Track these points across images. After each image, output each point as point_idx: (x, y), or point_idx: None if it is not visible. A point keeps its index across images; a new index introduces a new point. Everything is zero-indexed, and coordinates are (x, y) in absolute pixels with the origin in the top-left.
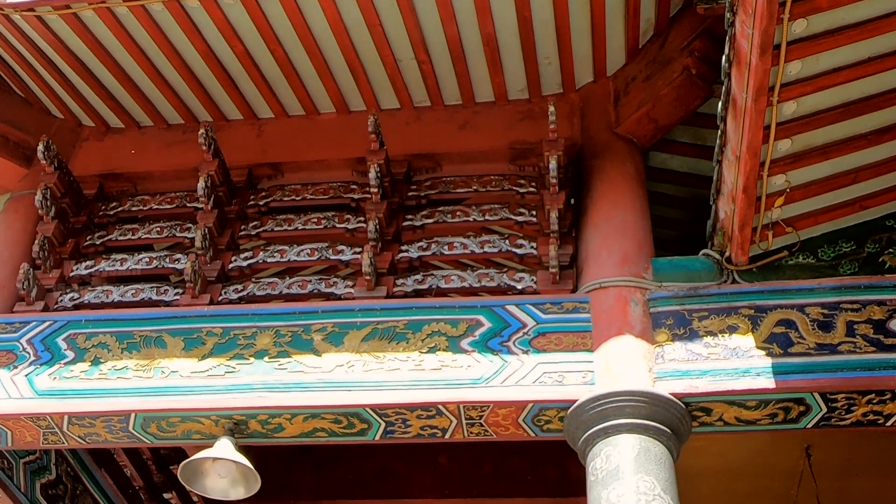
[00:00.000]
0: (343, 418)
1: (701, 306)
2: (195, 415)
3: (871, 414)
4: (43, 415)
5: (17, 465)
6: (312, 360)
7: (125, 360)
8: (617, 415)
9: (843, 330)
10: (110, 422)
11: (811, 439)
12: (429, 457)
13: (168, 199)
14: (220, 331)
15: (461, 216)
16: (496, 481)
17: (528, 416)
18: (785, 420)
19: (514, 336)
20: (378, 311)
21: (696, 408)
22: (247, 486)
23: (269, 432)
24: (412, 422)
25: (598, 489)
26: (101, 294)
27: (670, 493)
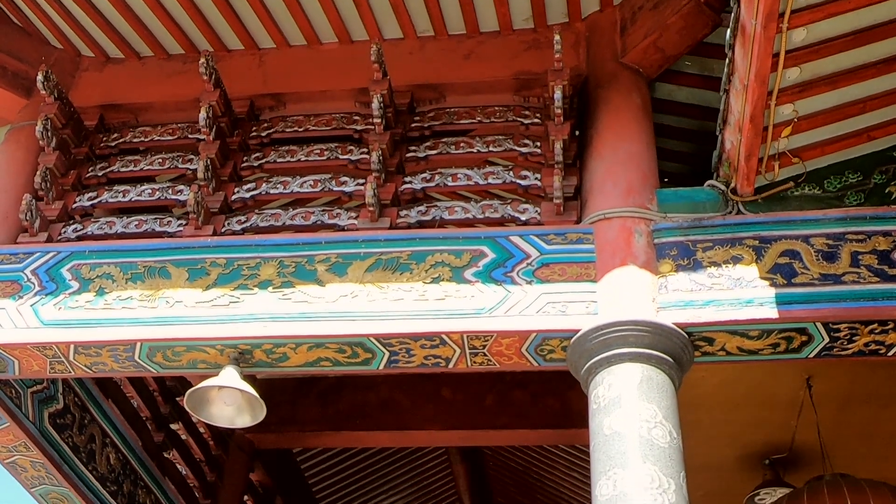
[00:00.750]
0: (347, 348)
1: (705, 237)
2: (200, 344)
3: (873, 344)
4: (49, 344)
5: (25, 395)
6: (316, 291)
7: (130, 291)
8: (620, 344)
9: (847, 260)
10: (116, 351)
11: (812, 370)
12: (431, 389)
13: (169, 131)
14: (223, 261)
15: (465, 147)
16: (498, 413)
17: (532, 345)
18: (787, 350)
19: (518, 267)
20: (382, 242)
21: (698, 337)
22: (252, 413)
23: (273, 361)
24: (416, 351)
25: (600, 417)
26: (104, 225)
27: (672, 420)
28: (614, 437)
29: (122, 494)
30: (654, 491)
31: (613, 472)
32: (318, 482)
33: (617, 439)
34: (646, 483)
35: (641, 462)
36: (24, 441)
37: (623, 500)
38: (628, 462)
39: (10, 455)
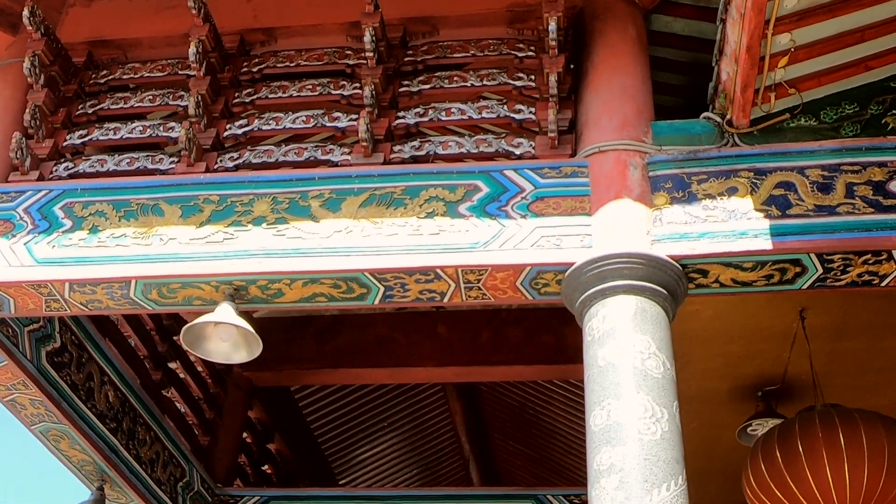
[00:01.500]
0: (342, 283)
1: (700, 169)
2: (195, 281)
3: (867, 274)
4: (44, 282)
5: (22, 334)
6: (310, 227)
7: (123, 228)
8: (614, 276)
9: (842, 191)
10: (111, 288)
11: (805, 302)
12: (428, 326)
13: (159, 67)
14: (216, 198)
15: (458, 82)
16: (494, 349)
17: (526, 279)
18: (781, 281)
19: (513, 201)
20: (375, 177)
21: (692, 269)
22: (248, 349)
23: (269, 297)
24: (411, 286)
25: (595, 348)
26: (95, 163)
27: (665, 352)
28: (608, 369)
29: (122, 431)
30: (648, 420)
31: (607, 403)
32: (316, 419)
33: (611, 370)
34: (639, 412)
35: (635, 392)
36: (22, 379)
37: (617, 430)
38: (622, 392)
39: (9, 393)
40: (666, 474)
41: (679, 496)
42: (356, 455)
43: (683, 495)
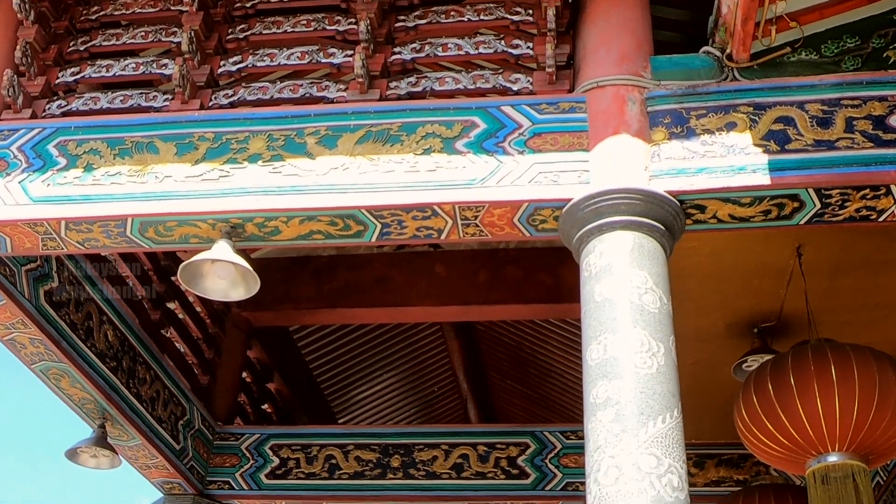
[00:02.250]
0: (339, 220)
1: (699, 104)
2: (191, 219)
3: (865, 210)
4: (40, 221)
5: (20, 273)
6: (307, 164)
7: (118, 166)
8: (611, 212)
9: (841, 126)
10: (107, 227)
11: (803, 238)
12: (425, 266)
13: (151, 3)
14: (212, 136)
15: (455, 17)
16: (491, 289)
17: (524, 215)
18: (778, 217)
19: (510, 137)
20: (371, 113)
21: (690, 205)
22: (246, 286)
23: (266, 235)
24: (408, 223)
25: (591, 284)
26: (88, 101)
27: (662, 287)
28: (605, 304)
29: (122, 370)
30: (644, 354)
31: (604, 337)
32: (315, 359)
33: (608, 305)
34: (636, 347)
35: (632, 327)
36: (21, 318)
37: (613, 364)
38: (619, 327)
39: (8, 332)
40: (662, 407)
41: (674, 429)
42: (355, 394)
43: (678, 428)
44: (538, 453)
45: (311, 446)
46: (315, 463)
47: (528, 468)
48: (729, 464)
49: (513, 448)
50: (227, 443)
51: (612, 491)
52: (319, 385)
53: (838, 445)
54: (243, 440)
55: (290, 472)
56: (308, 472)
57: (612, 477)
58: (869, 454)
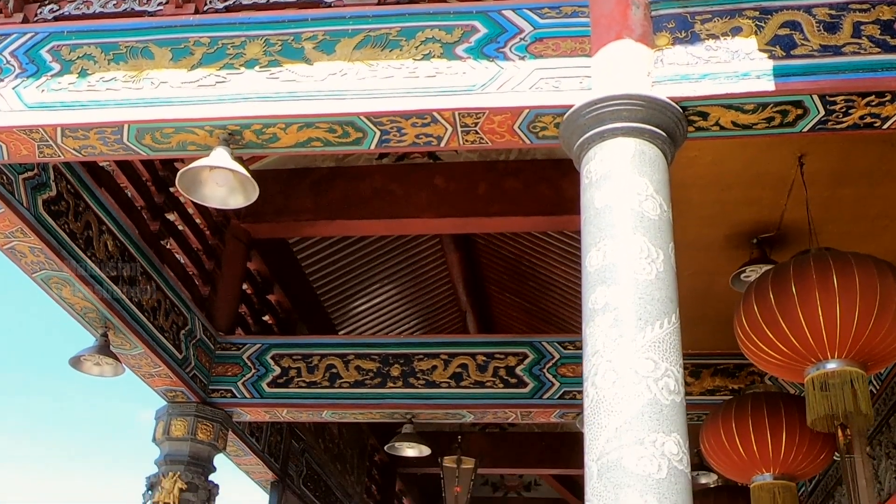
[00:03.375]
0: (338, 127)
1: (704, 8)
2: (188, 125)
3: (869, 117)
4: (35, 127)
5: (17, 181)
6: (304, 69)
7: (113, 72)
8: (613, 119)
9: (849, 31)
10: (104, 134)
11: (805, 147)
12: (424, 178)
13: None
14: (207, 40)
15: None
16: (491, 201)
17: (524, 122)
18: (781, 124)
19: (511, 42)
20: (370, 18)
21: (692, 112)
22: (245, 194)
23: (264, 142)
24: (407, 130)
25: (592, 191)
26: (81, 5)
27: (663, 194)
28: (605, 210)
29: (123, 280)
30: (644, 260)
31: (603, 244)
32: (315, 271)
33: (608, 212)
34: (635, 253)
35: (631, 233)
36: (20, 227)
37: (612, 270)
38: (618, 234)
39: (7, 241)
40: (660, 312)
41: (672, 333)
42: (355, 307)
43: (676, 333)
44: (536, 363)
45: (312, 356)
46: (316, 372)
47: (527, 377)
48: (724, 373)
49: (511, 358)
50: (228, 352)
51: (609, 394)
52: (319, 297)
53: (837, 353)
54: (245, 350)
55: (291, 381)
56: (309, 381)
57: (609, 380)
58: (867, 361)
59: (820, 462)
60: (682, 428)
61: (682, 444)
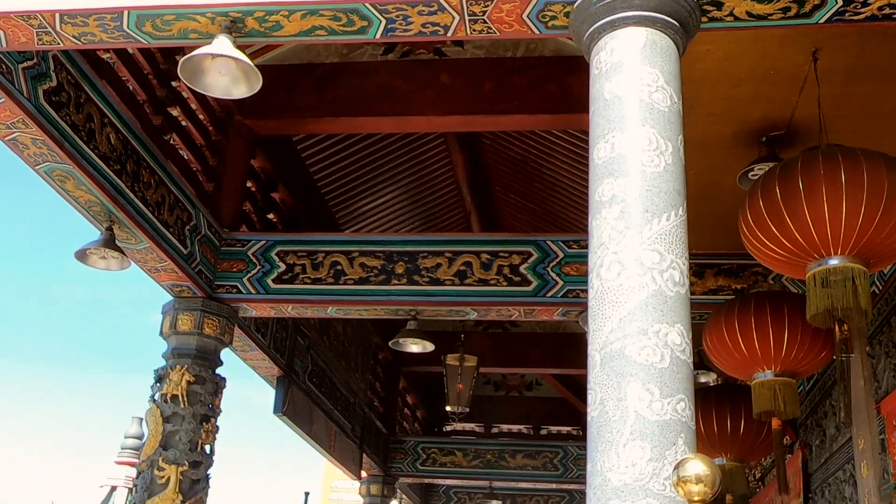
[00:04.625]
0: (342, 15)
1: None
2: (190, 12)
3: (888, 7)
4: (33, 13)
5: (17, 70)
6: None
7: None
8: (624, 7)
9: None
10: (103, 20)
11: (819, 42)
12: (430, 75)
13: None
14: None
15: None
16: (497, 98)
17: (533, 11)
18: (798, 14)
19: None
20: None
21: (707, 1)
22: (248, 84)
23: (267, 31)
24: (413, 18)
25: (601, 82)
26: None
27: (673, 85)
28: (614, 102)
29: (126, 174)
30: (653, 153)
31: (612, 136)
32: (320, 170)
33: (617, 103)
34: (644, 145)
35: (641, 125)
36: (21, 117)
37: (620, 162)
38: (627, 125)
39: (9, 132)
40: (667, 205)
41: (678, 226)
42: (359, 206)
43: (682, 226)
44: (540, 261)
45: (317, 253)
46: (321, 269)
47: (531, 276)
48: (728, 273)
49: (515, 256)
50: (233, 248)
51: (614, 285)
52: (324, 196)
53: (841, 249)
54: (249, 246)
55: (296, 278)
56: (314, 278)
57: (614, 272)
58: (870, 258)
59: (820, 360)
60: (685, 319)
61: (685, 335)
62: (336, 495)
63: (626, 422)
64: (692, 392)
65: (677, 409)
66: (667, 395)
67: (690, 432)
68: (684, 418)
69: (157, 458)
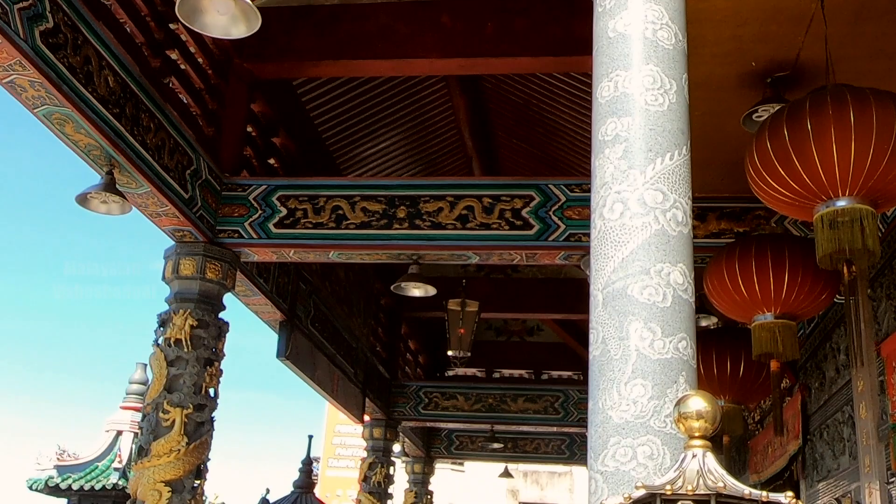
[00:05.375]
0: None
1: None
2: None
3: None
4: None
5: (13, 11)
6: None
7: None
8: None
9: None
10: None
11: None
12: (431, 17)
13: None
14: None
15: None
16: (499, 41)
17: None
18: None
19: None
20: None
21: None
22: (247, 23)
23: None
24: None
25: (605, 20)
26: None
27: (678, 23)
28: (618, 40)
29: (126, 117)
30: (656, 91)
31: (615, 75)
32: (320, 115)
33: (621, 41)
34: (648, 83)
35: (644, 63)
36: (18, 59)
37: (624, 101)
38: (631, 63)
39: (7, 74)
40: (670, 144)
41: (682, 165)
42: (360, 151)
43: (686, 165)
44: (542, 205)
45: (318, 197)
46: (322, 213)
47: (532, 220)
48: (731, 216)
49: (517, 200)
50: (234, 193)
51: (617, 225)
52: (324, 141)
53: (849, 190)
54: (251, 191)
55: (297, 223)
56: (315, 223)
57: (617, 212)
58: (878, 199)
59: (821, 302)
60: (688, 259)
61: (687, 275)
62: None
63: (628, 360)
64: (694, 331)
65: (679, 347)
66: (668, 334)
67: (692, 371)
68: (686, 357)
69: (161, 401)
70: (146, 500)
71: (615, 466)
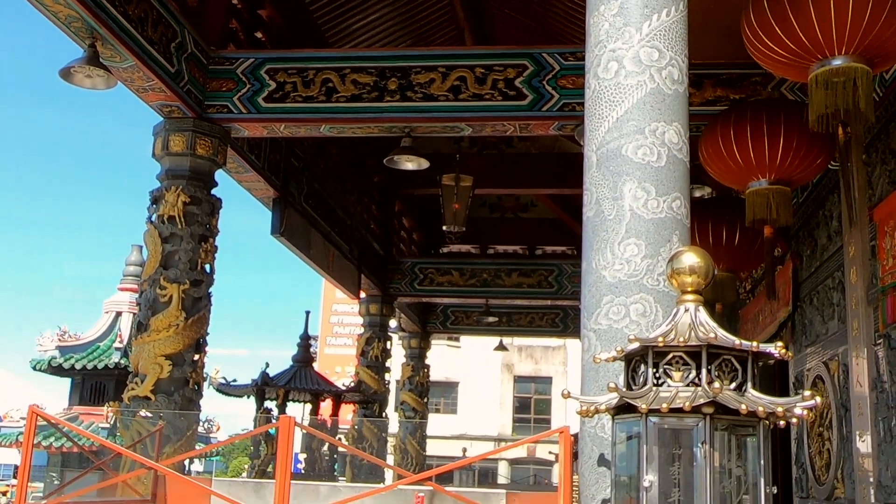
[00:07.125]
0: None
1: None
2: None
3: None
4: None
5: None
6: None
7: None
8: None
9: None
10: None
11: None
12: None
13: None
14: None
15: None
16: None
17: None
18: None
19: None
20: None
21: None
22: None
23: None
24: None
25: None
26: None
27: None
28: None
29: None
30: None
31: None
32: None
33: None
34: None
35: None
36: None
37: None
38: None
39: None
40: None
41: (679, 22)
42: (348, 23)
43: (683, 22)
44: (536, 74)
45: (308, 70)
46: (312, 87)
47: (526, 89)
48: (727, 83)
49: (510, 70)
50: (222, 67)
51: (612, 84)
52: (312, 13)
53: (845, 48)
54: (238, 64)
55: (287, 96)
56: (305, 96)
57: (612, 71)
58: (874, 57)
59: (815, 167)
60: (683, 118)
61: (682, 134)
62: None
63: (622, 220)
64: (688, 191)
65: (672, 206)
66: (662, 193)
67: (685, 230)
68: (679, 216)
69: (158, 278)
70: (148, 373)
71: (608, 324)
